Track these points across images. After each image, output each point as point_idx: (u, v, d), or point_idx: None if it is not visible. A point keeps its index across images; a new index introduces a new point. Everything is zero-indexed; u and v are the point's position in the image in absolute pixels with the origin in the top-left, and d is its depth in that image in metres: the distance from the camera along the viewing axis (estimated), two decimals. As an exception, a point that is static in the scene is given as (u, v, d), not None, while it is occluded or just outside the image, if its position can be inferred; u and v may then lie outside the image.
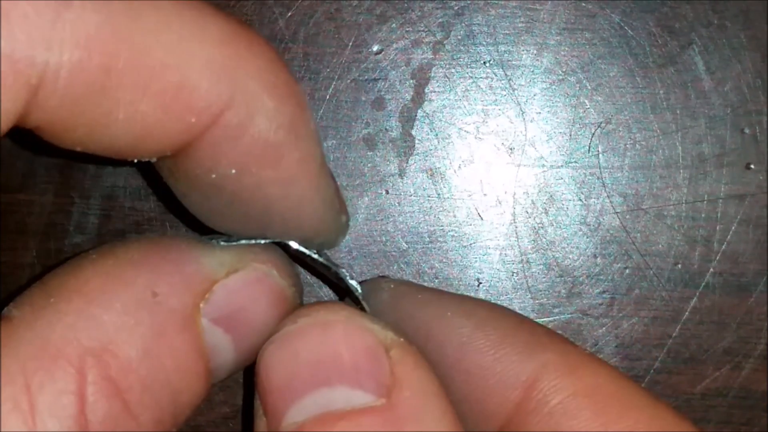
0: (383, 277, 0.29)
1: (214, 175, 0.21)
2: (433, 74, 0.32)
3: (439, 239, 0.32)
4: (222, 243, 0.23)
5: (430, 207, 0.32)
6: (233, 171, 0.20)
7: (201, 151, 0.20)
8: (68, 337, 0.20)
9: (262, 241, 0.23)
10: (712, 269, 0.31)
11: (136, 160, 0.21)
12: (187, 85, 0.19)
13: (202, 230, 0.24)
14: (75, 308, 0.20)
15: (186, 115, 0.19)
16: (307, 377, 0.21)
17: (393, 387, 0.20)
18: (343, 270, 0.25)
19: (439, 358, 0.23)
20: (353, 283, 0.25)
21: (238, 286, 0.23)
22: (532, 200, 0.32)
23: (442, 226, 0.32)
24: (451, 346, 0.23)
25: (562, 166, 0.31)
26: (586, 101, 0.31)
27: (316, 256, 0.24)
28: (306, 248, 0.24)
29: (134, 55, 0.18)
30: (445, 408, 0.21)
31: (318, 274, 0.26)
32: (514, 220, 0.32)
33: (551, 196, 0.31)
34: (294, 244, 0.24)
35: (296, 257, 0.25)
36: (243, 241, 0.23)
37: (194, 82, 0.19)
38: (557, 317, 0.31)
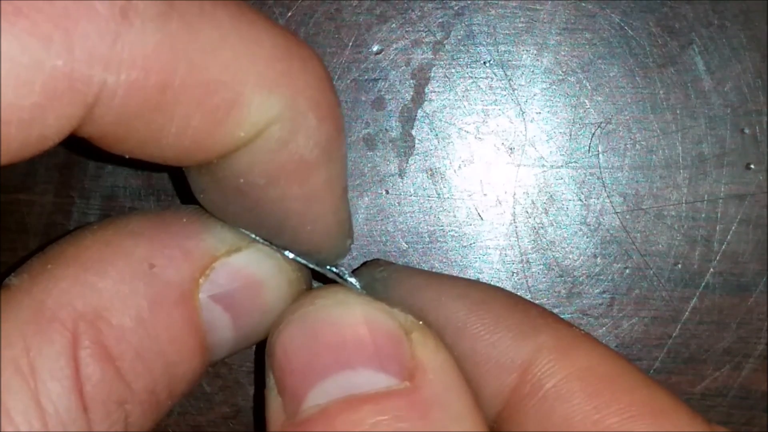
0: (376, 260, 0.29)
1: (242, 181, 0.21)
2: (433, 74, 0.32)
3: (439, 239, 0.32)
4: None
5: (430, 207, 0.32)
6: (263, 182, 0.20)
7: (239, 159, 0.20)
8: (63, 301, 0.20)
9: (260, 240, 0.23)
10: (712, 269, 0.31)
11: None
12: (239, 101, 0.19)
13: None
14: (71, 274, 0.20)
15: (236, 130, 0.19)
16: (329, 359, 0.21)
17: (416, 370, 0.20)
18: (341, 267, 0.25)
19: None
20: (349, 278, 0.25)
21: (240, 265, 0.23)
22: (532, 200, 0.32)
23: (442, 226, 0.32)
24: (446, 331, 0.23)
25: (562, 166, 0.31)
26: (586, 101, 0.31)
27: None
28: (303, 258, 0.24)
29: (191, 73, 0.18)
30: (467, 391, 0.21)
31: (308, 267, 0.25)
32: (514, 220, 0.32)
33: (551, 196, 0.31)
34: (289, 254, 0.24)
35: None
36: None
37: (247, 98, 0.19)
38: (557, 317, 0.31)
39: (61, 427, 0.19)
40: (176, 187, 0.32)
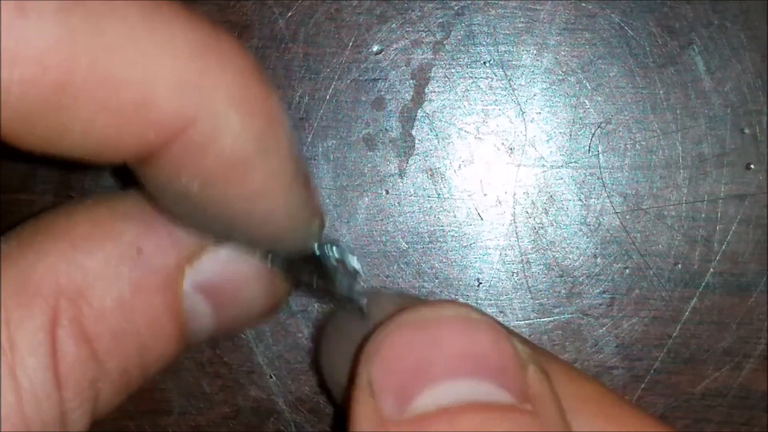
0: (382, 289, 0.28)
1: (176, 185, 0.20)
2: (433, 74, 0.32)
3: (439, 239, 0.32)
4: None
5: (430, 207, 0.32)
6: (195, 186, 0.19)
7: (163, 162, 0.19)
8: (48, 277, 0.20)
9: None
10: (712, 269, 0.31)
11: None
12: (148, 102, 0.18)
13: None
14: (59, 249, 0.20)
15: (145, 131, 0.18)
16: (451, 365, 0.20)
17: (533, 398, 0.20)
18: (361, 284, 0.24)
19: None
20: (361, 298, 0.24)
21: (227, 258, 0.22)
22: (532, 200, 0.32)
23: (442, 226, 0.32)
24: None
25: (562, 166, 0.31)
26: (586, 101, 0.31)
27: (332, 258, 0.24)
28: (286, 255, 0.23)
29: (93, 71, 0.17)
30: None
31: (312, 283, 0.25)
32: (514, 220, 0.32)
33: (551, 196, 0.31)
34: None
35: (295, 264, 0.24)
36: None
37: (156, 98, 0.18)
38: (557, 317, 0.31)
39: (34, 402, 0.19)
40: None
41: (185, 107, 0.18)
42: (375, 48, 0.32)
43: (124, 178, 0.31)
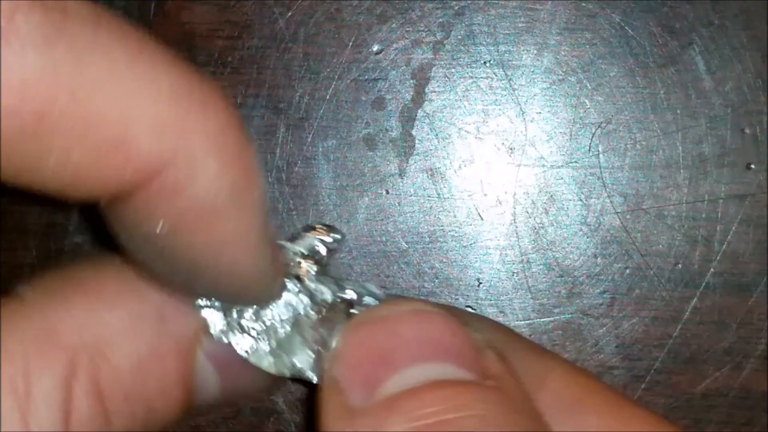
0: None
1: (144, 228, 0.19)
2: (433, 74, 0.32)
3: (439, 239, 0.32)
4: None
5: (430, 207, 0.32)
6: (164, 230, 0.19)
7: (135, 203, 0.19)
8: (71, 329, 0.20)
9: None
10: (712, 269, 0.31)
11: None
12: (126, 141, 0.17)
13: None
14: (86, 304, 0.20)
15: (121, 170, 0.18)
16: (411, 352, 0.21)
17: (495, 378, 0.21)
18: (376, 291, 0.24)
19: None
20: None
21: None
22: (532, 200, 0.32)
23: (442, 226, 0.32)
24: None
25: (562, 166, 0.31)
26: (586, 101, 0.31)
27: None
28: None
29: (72, 104, 0.16)
30: (534, 407, 0.21)
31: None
32: (514, 220, 0.32)
33: (551, 196, 0.31)
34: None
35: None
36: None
37: (134, 138, 0.17)
38: (557, 317, 0.31)
39: None
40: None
41: (163, 149, 0.18)
42: (375, 48, 0.32)
43: (89, 215, 0.31)
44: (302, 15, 0.31)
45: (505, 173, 0.32)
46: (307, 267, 0.24)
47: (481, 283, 0.32)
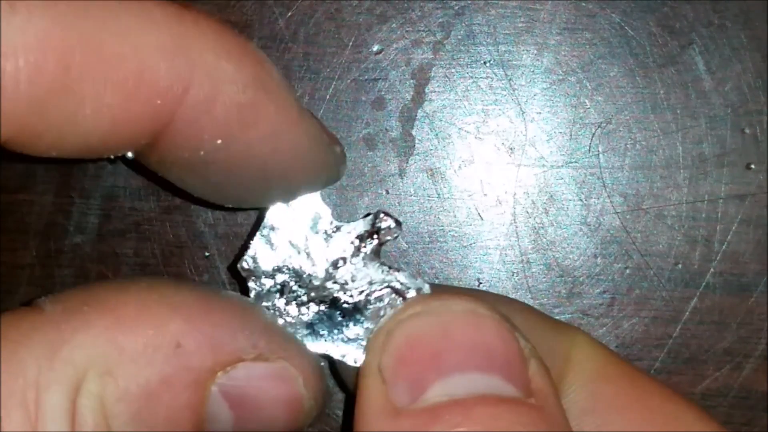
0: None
1: (202, 152, 0.21)
2: (433, 74, 0.32)
3: (439, 239, 0.32)
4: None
5: (430, 207, 0.32)
6: (219, 141, 0.21)
7: (181, 132, 0.20)
8: (84, 347, 0.20)
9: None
10: (712, 269, 0.31)
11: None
12: (145, 71, 0.19)
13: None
14: (102, 324, 0.21)
15: (151, 100, 0.20)
16: (461, 358, 0.21)
17: (535, 392, 0.21)
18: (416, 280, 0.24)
19: None
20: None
21: (260, 374, 0.23)
22: (532, 200, 0.32)
23: (442, 226, 0.32)
24: None
25: (562, 166, 0.31)
26: (586, 101, 0.31)
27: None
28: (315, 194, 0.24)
29: (88, 48, 0.19)
30: (568, 421, 0.22)
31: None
32: (514, 220, 0.32)
33: (551, 196, 0.31)
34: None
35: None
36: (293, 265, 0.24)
37: (152, 66, 0.19)
38: (558, 317, 0.31)
39: None
40: (176, 188, 0.32)
41: (180, 68, 0.20)
42: (375, 48, 0.32)
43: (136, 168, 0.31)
44: (302, 15, 0.31)
45: (505, 173, 0.32)
46: (362, 246, 0.25)
47: (481, 283, 0.32)
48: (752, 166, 0.31)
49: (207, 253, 0.32)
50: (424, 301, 0.23)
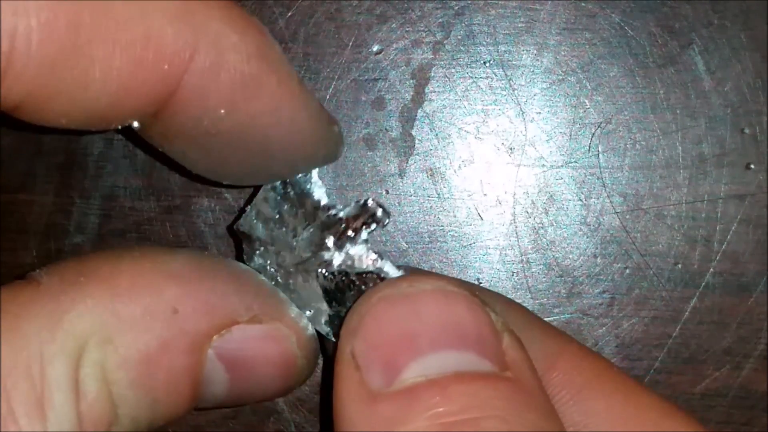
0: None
1: (206, 122, 0.21)
2: (433, 74, 0.32)
3: (439, 239, 0.32)
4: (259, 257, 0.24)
5: (430, 207, 0.32)
6: (222, 112, 0.21)
7: (186, 100, 0.21)
8: (83, 317, 0.20)
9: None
10: (712, 269, 0.31)
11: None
12: (153, 35, 0.20)
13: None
14: (99, 294, 0.21)
15: (158, 64, 0.20)
16: (434, 337, 0.21)
17: (510, 366, 0.21)
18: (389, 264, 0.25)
19: None
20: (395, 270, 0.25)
21: (254, 335, 0.23)
22: (532, 200, 0.32)
23: (442, 226, 0.32)
24: None
25: (562, 166, 0.31)
26: (586, 101, 0.31)
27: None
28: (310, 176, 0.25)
29: (98, 10, 0.19)
30: (548, 400, 0.22)
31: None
32: (514, 220, 0.32)
33: (551, 196, 0.31)
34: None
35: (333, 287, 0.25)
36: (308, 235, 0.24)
37: (159, 30, 0.20)
38: (557, 317, 0.31)
39: None
40: (177, 188, 0.32)
41: (186, 34, 0.20)
42: (375, 48, 0.32)
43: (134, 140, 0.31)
44: (302, 15, 0.31)
45: (505, 173, 0.32)
46: (348, 229, 0.25)
47: (481, 283, 0.32)
48: (752, 166, 0.31)
49: (207, 254, 0.32)
50: (392, 283, 0.22)
